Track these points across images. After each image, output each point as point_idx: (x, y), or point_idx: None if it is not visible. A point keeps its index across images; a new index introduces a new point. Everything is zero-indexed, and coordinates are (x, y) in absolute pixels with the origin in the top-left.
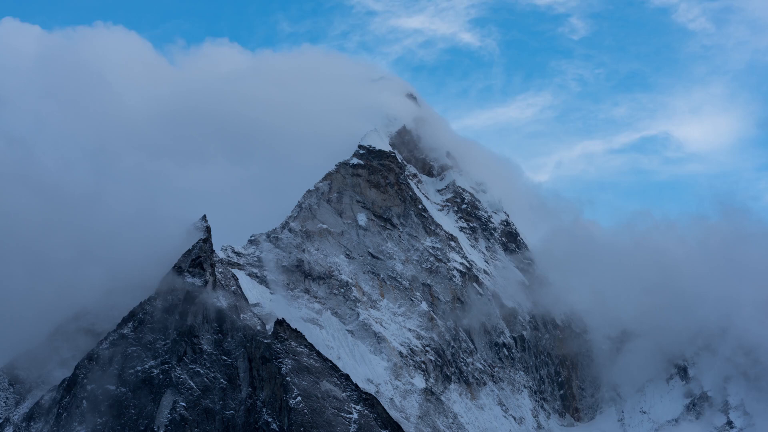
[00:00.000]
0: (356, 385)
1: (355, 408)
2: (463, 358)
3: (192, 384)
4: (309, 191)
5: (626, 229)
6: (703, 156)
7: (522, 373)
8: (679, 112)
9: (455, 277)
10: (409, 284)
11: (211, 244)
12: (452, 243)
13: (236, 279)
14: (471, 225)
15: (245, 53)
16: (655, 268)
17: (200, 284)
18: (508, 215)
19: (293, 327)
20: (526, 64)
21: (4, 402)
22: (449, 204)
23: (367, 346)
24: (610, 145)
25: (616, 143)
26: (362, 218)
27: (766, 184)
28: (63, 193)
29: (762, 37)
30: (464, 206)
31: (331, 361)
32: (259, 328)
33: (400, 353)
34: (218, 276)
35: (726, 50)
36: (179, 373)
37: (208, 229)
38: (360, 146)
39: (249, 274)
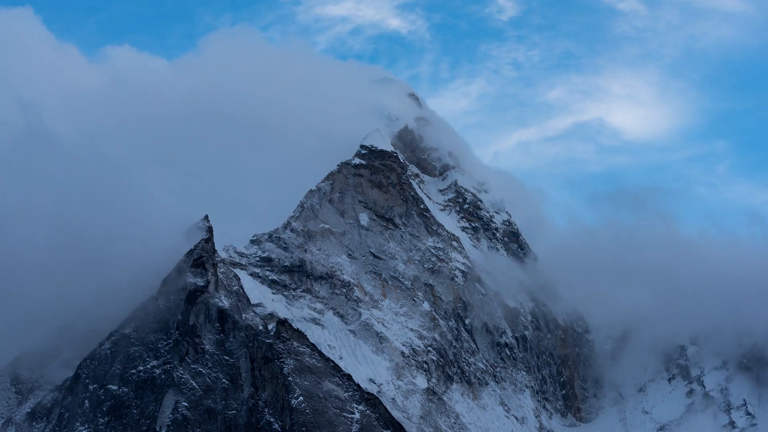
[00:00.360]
0: (358, 385)
1: (357, 408)
2: (465, 358)
3: (194, 384)
4: (311, 191)
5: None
6: (637, 145)
7: (524, 373)
8: (614, 97)
9: (457, 277)
10: (411, 284)
11: (213, 244)
12: (454, 243)
13: (238, 279)
14: (473, 225)
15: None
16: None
17: (202, 284)
18: (510, 215)
19: (295, 327)
20: (457, 48)
21: (7, 402)
22: (451, 204)
23: (369, 346)
24: (545, 133)
25: (551, 130)
26: (364, 218)
27: (697, 175)
28: (64, 192)
29: (696, 23)
30: (466, 206)
31: (333, 361)
32: (261, 328)
33: (402, 353)
34: (220, 276)
35: (659, 34)
36: (181, 373)
37: (210, 229)
38: (362, 146)
39: (251, 274)
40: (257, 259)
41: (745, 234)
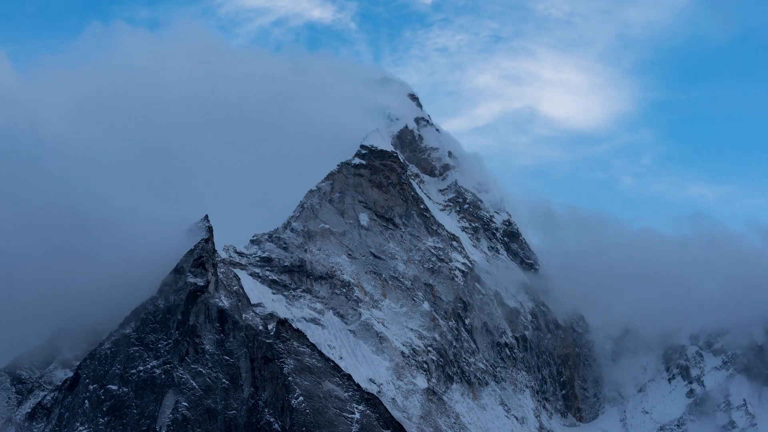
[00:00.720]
0: (358, 385)
1: (357, 408)
2: (465, 358)
3: (194, 384)
4: (311, 191)
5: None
6: (572, 135)
7: (524, 373)
8: (547, 85)
9: (457, 277)
10: (411, 284)
11: (213, 244)
12: (454, 243)
13: (238, 279)
14: (473, 225)
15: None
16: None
17: (202, 284)
18: (510, 215)
19: (295, 327)
20: (383, 37)
21: (6, 402)
22: (451, 204)
23: (369, 346)
24: (474, 123)
25: (480, 120)
26: (364, 218)
27: (624, 165)
28: (65, 192)
29: (624, 8)
30: (466, 206)
31: (333, 361)
32: (261, 328)
33: (402, 353)
34: (220, 276)
35: (589, 18)
36: (181, 373)
37: (210, 229)
38: (362, 146)
39: (251, 274)
40: (257, 259)
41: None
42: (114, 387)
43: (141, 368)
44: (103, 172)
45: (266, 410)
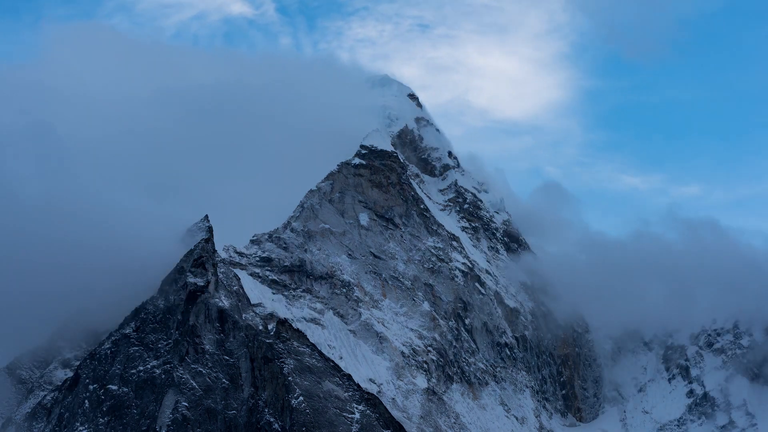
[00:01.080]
0: (358, 385)
1: (357, 408)
2: (465, 358)
3: (194, 384)
4: (311, 191)
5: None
6: (503, 124)
7: (524, 372)
8: (477, 73)
9: (457, 277)
10: (411, 284)
11: (213, 244)
12: (454, 243)
13: (238, 279)
14: (473, 225)
15: None
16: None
17: (202, 284)
18: (509, 215)
19: (295, 327)
20: (308, 29)
21: (6, 402)
22: (451, 204)
23: (369, 346)
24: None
25: None
26: (364, 218)
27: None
28: (65, 192)
29: None
30: (466, 206)
31: (333, 361)
32: (261, 328)
33: (402, 353)
34: (220, 276)
35: (517, 2)
36: (181, 373)
37: (210, 229)
38: (362, 146)
39: (251, 274)
40: (257, 259)
41: None
42: (114, 387)
43: (141, 368)
44: (103, 172)
45: (266, 410)
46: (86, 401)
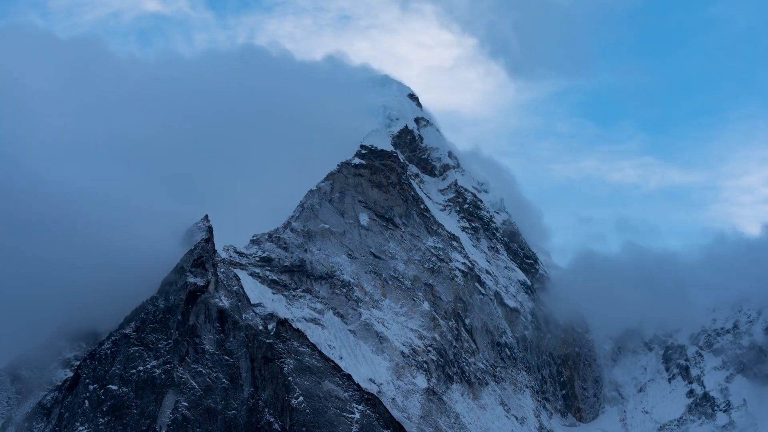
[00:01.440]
0: (358, 385)
1: (357, 408)
2: (465, 358)
3: (194, 384)
4: (311, 191)
5: None
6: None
7: (524, 372)
8: (405, 57)
9: (457, 277)
10: (411, 284)
11: (213, 244)
12: (454, 243)
13: (238, 279)
14: (473, 225)
15: None
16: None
17: (202, 284)
18: (509, 215)
19: (295, 327)
20: (228, 24)
21: (6, 402)
22: (451, 204)
23: (369, 346)
24: None
25: None
26: (364, 218)
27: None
28: (65, 191)
29: None
30: (466, 206)
31: (333, 361)
32: (261, 328)
33: (402, 353)
34: (220, 276)
35: None
36: (181, 373)
37: (210, 229)
38: (362, 146)
39: (251, 274)
40: (257, 259)
41: None
42: (114, 387)
43: (141, 368)
44: (103, 172)
45: (266, 410)
46: (86, 401)
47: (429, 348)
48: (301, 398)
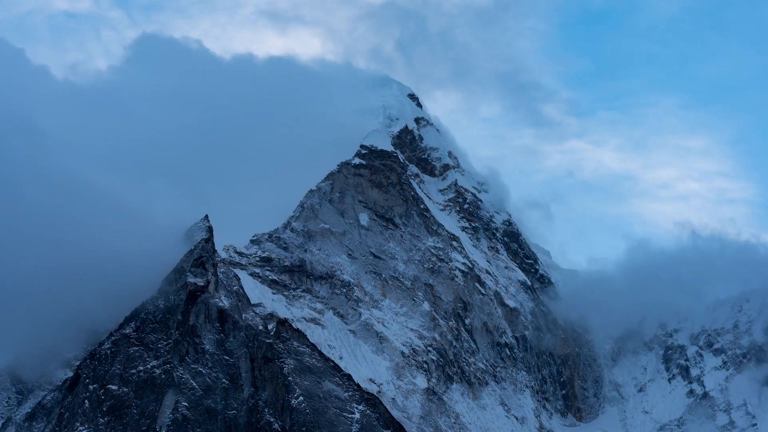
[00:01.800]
0: (358, 385)
1: (357, 408)
2: (465, 358)
3: (194, 384)
4: (311, 191)
5: None
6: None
7: (524, 372)
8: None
9: (457, 277)
10: (411, 284)
11: (213, 244)
12: (454, 243)
13: (238, 279)
14: (473, 225)
15: None
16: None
17: (202, 284)
18: (510, 215)
19: (295, 327)
20: (150, 20)
21: (6, 402)
22: (451, 204)
23: (369, 346)
24: None
25: None
26: (364, 218)
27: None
28: (64, 191)
29: None
30: (466, 206)
31: (333, 361)
32: (261, 328)
33: (402, 353)
34: (220, 276)
35: None
36: (181, 373)
37: (210, 229)
38: (362, 146)
39: (251, 274)
40: (257, 259)
41: None
42: (114, 387)
43: (141, 368)
44: (103, 172)
45: (266, 410)
46: (86, 401)
47: (429, 348)
48: (301, 398)
